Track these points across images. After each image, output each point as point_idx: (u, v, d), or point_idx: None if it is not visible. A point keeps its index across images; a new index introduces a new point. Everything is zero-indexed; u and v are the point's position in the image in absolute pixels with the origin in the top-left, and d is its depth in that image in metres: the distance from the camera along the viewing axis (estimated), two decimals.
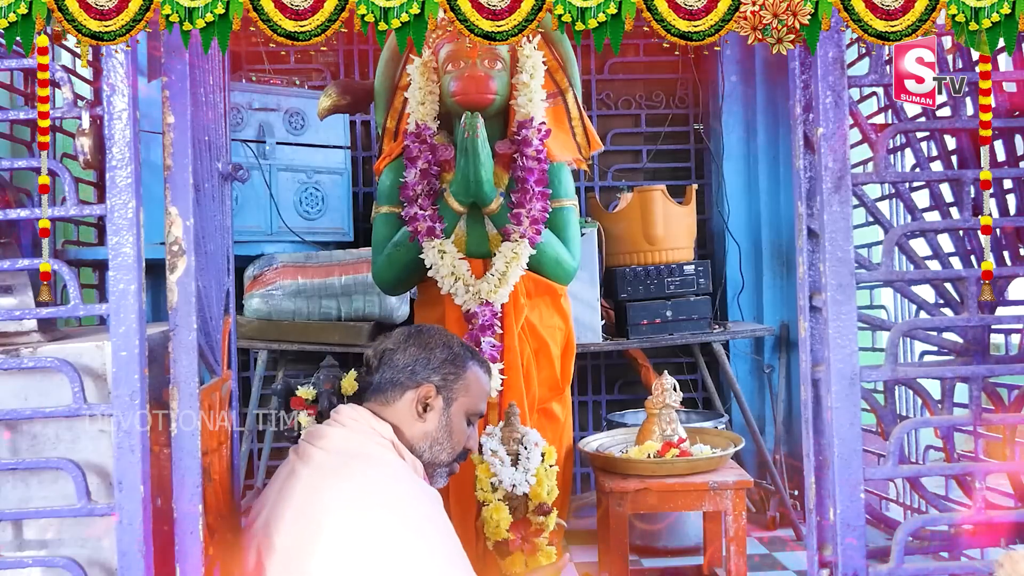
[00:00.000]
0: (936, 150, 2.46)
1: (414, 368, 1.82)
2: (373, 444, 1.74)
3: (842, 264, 1.71)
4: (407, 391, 1.81)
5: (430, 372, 1.82)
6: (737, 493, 2.46)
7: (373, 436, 1.76)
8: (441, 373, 1.83)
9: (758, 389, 3.98)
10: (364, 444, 1.74)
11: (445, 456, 1.84)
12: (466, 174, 2.42)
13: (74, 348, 1.70)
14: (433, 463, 1.83)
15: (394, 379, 1.82)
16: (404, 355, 1.83)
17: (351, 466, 1.69)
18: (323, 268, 3.39)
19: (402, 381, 1.81)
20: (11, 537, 1.69)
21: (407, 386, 1.81)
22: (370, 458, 1.72)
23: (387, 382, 1.82)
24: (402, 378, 1.82)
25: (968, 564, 2.22)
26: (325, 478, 1.67)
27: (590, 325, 3.35)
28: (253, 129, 3.53)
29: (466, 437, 1.87)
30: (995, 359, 2.22)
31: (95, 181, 3.07)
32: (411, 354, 1.83)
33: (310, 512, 1.64)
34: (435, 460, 1.83)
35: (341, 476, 1.66)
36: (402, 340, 1.86)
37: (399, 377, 1.82)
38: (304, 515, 1.64)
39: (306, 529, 1.63)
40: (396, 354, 1.84)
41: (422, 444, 1.81)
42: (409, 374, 1.82)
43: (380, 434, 1.77)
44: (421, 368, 1.82)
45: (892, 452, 1.80)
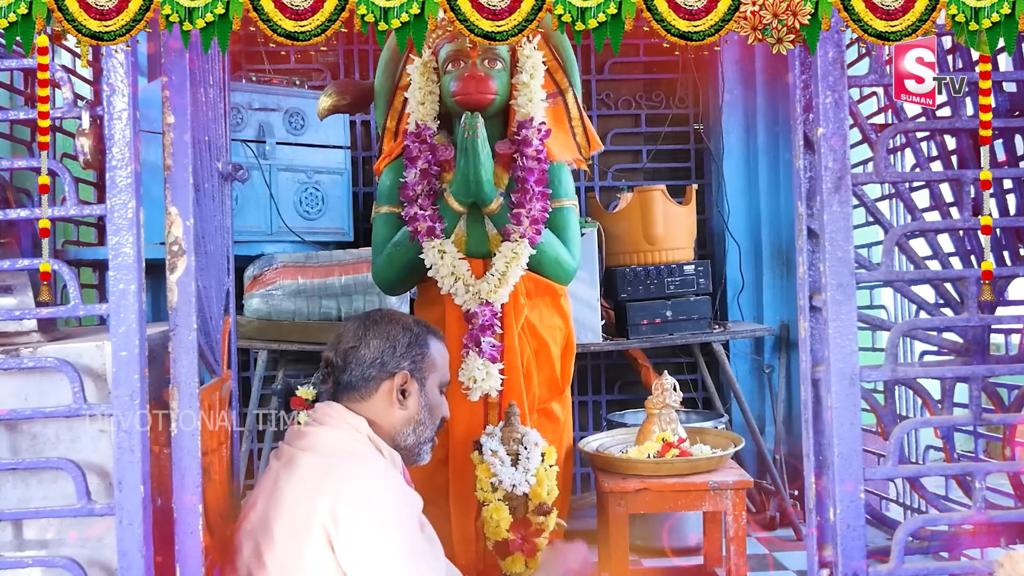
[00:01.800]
0: (936, 150, 2.46)
1: (382, 360, 1.82)
2: (351, 441, 1.76)
3: (842, 264, 1.71)
4: (382, 383, 1.82)
5: (399, 359, 1.83)
6: (737, 493, 2.46)
7: (352, 433, 1.78)
8: (409, 357, 1.84)
9: (758, 389, 3.98)
10: (347, 443, 1.76)
11: (429, 432, 1.88)
12: (466, 174, 2.42)
13: (74, 348, 1.70)
14: (418, 443, 1.86)
15: (365, 375, 1.82)
16: (369, 349, 1.83)
17: (339, 466, 1.69)
18: (323, 268, 3.39)
19: (373, 375, 1.82)
20: (11, 537, 1.69)
21: (380, 378, 1.82)
22: (356, 456, 1.73)
23: (358, 379, 1.82)
24: (373, 372, 1.82)
25: (968, 564, 2.22)
26: (318, 480, 1.67)
27: (590, 325, 3.36)
28: (253, 129, 3.53)
29: (441, 408, 1.91)
30: (995, 359, 2.22)
31: (95, 181, 3.06)
32: (375, 347, 1.83)
33: (301, 515, 1.64)
34: (420, 439, 1.86)
35: (331, 476, 1.67)
36: (361, 335, 1.85)
37: (369, 372, 1.82)
38: (295, 518, 1.64)
39: (298, 533, 1.63)
40: (360, 350, 1.83)
41: (405, 430, 1.83)
42: (379, 367, 1.82)
43: (356, 429, 1.78)
44: (389, 358, 1.83)
45: (892, 452, 1.80)
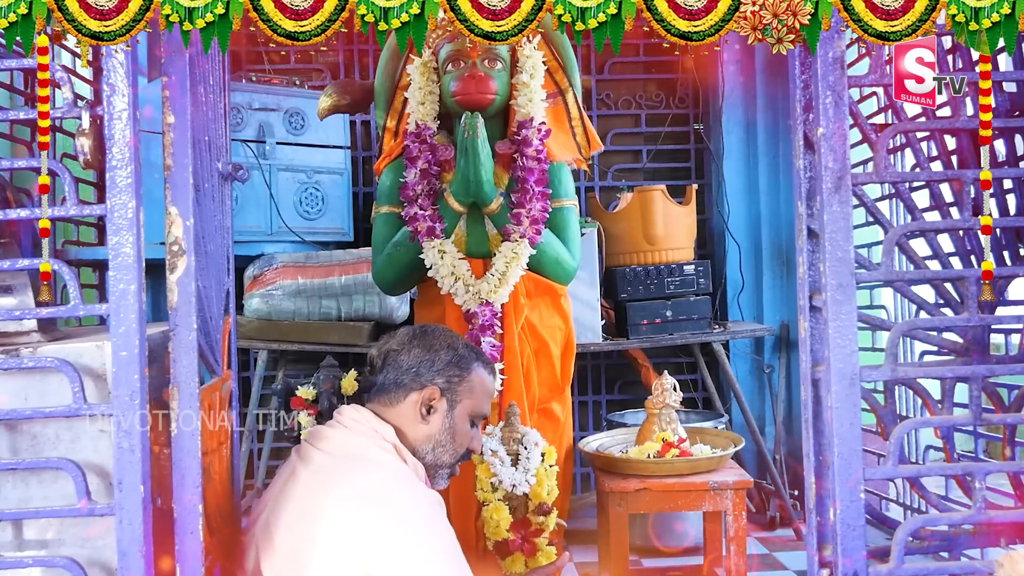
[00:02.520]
0: (936, 150, 2.46)
1: (418, 370, 1.80)
2: (374, 447, 1.73)
3: (842, 264, 1.71)
4: (411, 393, 1.79)
5: (434, 374, 1.80)
6: (737, 493, 2.46)
7: (375, 439, 1.74)
8: (445, 375, 1.81)
9: (758, 389, 3.98)
10: (366, 447, 1.73)
11: (447, 458, 1.82)
12: (466, 174, 2.42)
13: (74, 348, 1.70)
14: (435, 465, 1.81)
15: (398, 380, 1.80)
16: (408, 356, 1.81)
17: (350, 469, 1.67)
18: (323, 268, 3.39)
19: (406, 383, 1.79)
20: (11, 537, 1.69)
21: (411, 388, 1.79)
22: (371, 461, 1.70)
23: (391, 383, 1.80)
24: (406, 380, 1.79)
25: (968, 564, 2.22)
26: (325, 481, 1.66)
27: (590, 325, 3.35)
28: (253, 129, 3.53)
29: (469, 439, 1.85)
30: (995, 359, 2.22)
31: (95, 181, 3.07)
32: (415, 355, 1.81)
33: (309, 514, 1.63)
34: (437, 462, 1.81)
35: (339, 479, 1.65)
36: (406, 341, 1.84)
37: (403, 379, 1.80)
38: (303, 517, 1.64)
39: (304, 531, 1.62)
40: (400, 355, 1.81)
41: (425, 446, 1.79)
42: (413, 376, 1.79)
43: (383, 436, 1.75)
44: (425, 370, 1.80)
45: (892, 452, 1.80)
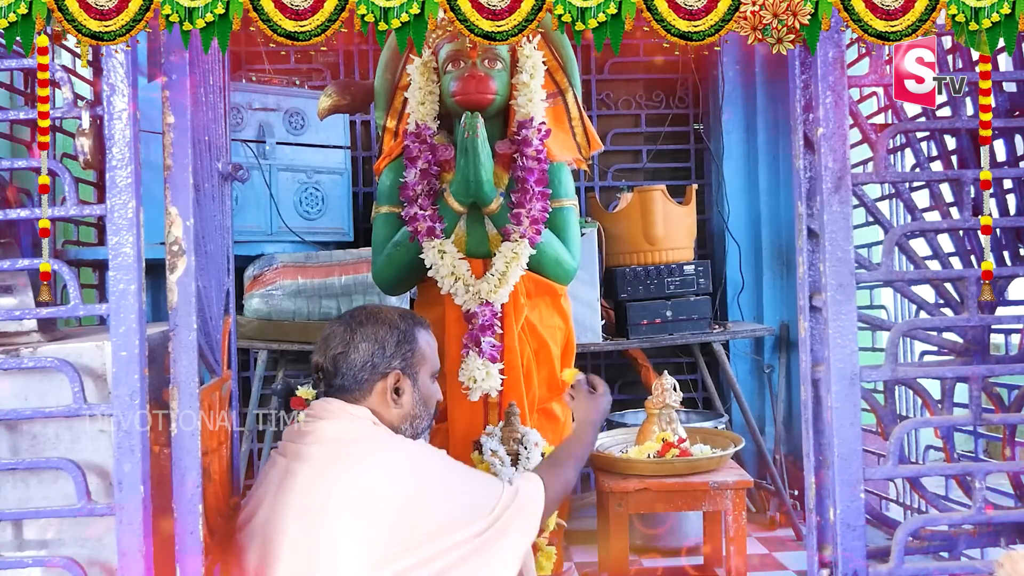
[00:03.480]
0: (936, 150, 2.46)
1: (373, 362, 1.80)
2: (362, 427, 1.76)
3: (842, 264, 1.71)
4: (375, 384, 1.80)
5: (389, 359, 1.81)
6: (737, 493, 2.46)
7: (357, 421, 1.77)
8: (399, 356, 1.82)
9: (758, 389, 3.98)
10: (353, 429, 1.75)
11: (425, 423, 1.88)
12: (466, 174, 2.42)
13: (74, 348, 1.70)
14: (416, 434, 1.86)
15: (357, 378, 1.80)
16: (358, 353, 1.80)
17: (354, 451, 1.69)
18: (323, 268, 3.39)
19: (366, 378, 1.80)
20: (11, 537, 1.69)
21: (373, 380, 1.80)
22: (367, 440, 1.73)
23: (351, 383, 1.81)
24: (365, 375, 1.80)
25: (968, 564, 2.22)
26: (331, 468, 1.67)
27: (590, 325, 3.35)
28: (253, 129, 3.52)
29: (436, 396, 1.91)
30: (995, 359, 2.22)
31: (95, 181, 3.06)
32: (365, 350, 1.81)
33: (319, 507, 1.64)
34: (417, 431, 1.86)
35: (347, 464, 1.67)
36: (348, 339, 1.82)
37: (361, 375, 1.80)
38: (312, 511, 1.64)
39: (314, 523, 1.63)
40: (349, 355, 1.81)
41: (402, 425, 1.83)
42: (370, 370, 1.80)
43: (360, 418, 1.78)
44: (379, 360, 1.81)
45: (892, 452, 1.80)
